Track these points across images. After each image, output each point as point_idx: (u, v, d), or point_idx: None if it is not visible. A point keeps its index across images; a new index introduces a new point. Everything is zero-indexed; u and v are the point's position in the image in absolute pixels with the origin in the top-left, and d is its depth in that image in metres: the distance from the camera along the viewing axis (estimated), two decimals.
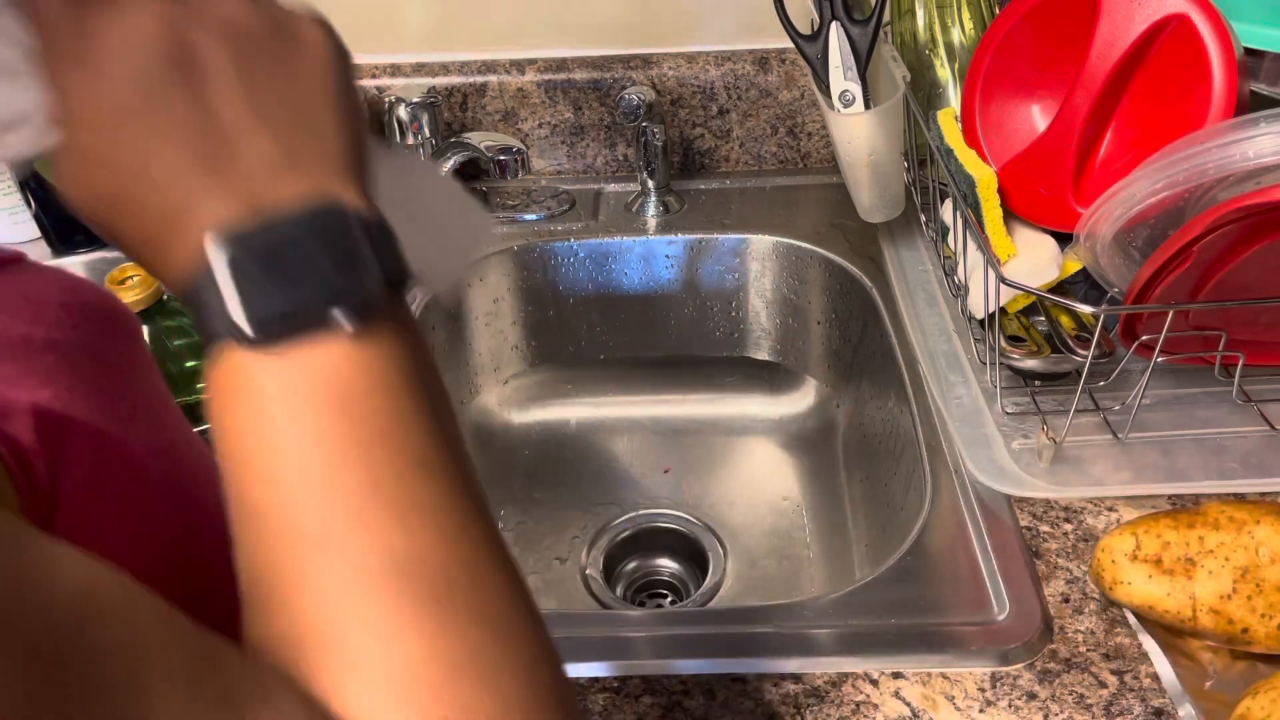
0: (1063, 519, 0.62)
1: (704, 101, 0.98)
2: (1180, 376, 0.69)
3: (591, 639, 0.57)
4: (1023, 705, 0.52)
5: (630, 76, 0.96)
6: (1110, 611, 0.57)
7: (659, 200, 0.97)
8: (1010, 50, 0.73)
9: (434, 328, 0.94)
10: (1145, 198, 0.59)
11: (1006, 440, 0.66)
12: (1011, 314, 0.73)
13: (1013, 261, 0.70)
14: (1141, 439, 0.65)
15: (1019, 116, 0.74)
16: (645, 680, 0.55)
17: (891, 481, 0.78)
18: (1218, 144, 0.56)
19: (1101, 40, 0.65)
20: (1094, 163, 0.69)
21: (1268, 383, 0.68)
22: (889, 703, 0.53)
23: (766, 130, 1.00)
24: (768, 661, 0.55)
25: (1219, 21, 0.60)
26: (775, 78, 0.96)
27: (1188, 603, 0.52)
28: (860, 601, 0.59)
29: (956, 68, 0.83)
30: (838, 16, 0.79)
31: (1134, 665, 0.54)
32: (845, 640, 0.56)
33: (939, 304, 0.81)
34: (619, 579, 0.91)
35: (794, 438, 0.99)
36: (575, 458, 1.00)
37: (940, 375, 0.73)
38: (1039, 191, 0.71)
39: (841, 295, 0.91)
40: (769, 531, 0.91)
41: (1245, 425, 0.66)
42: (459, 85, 0.98)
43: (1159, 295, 0.60)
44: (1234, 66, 0.60)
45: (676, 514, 0.93)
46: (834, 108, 0.81)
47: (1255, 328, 0.64)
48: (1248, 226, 0.55)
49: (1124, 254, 0.63)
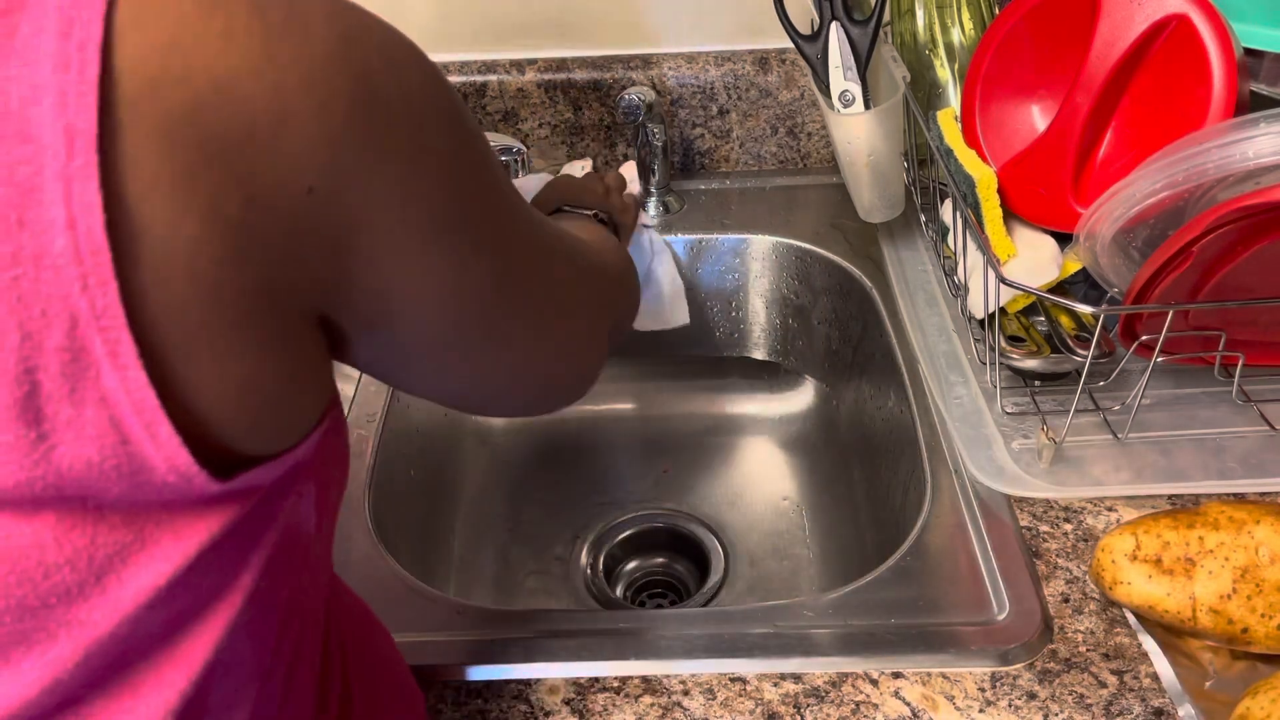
0: (1063, 519, 0.62)
1: (704, 101, 0.98)
2: (1180, 376, 0.69)
3: (591, 639, 0.57)
4: (1023, 705, 0.52)
5: (630, 76, 0.96)
6: (1110, 611, 0.57)
7: (659, 200, 0.97)
8: (1010, 50, 0.73)
9: None
10: (1145, 198, 0.59)
11: (1006, 440, 0.66)
12: (1011, 314, 0.73)
13: (1013, 261, 0.70)
14: (1141, 439, 0.65)
15: (1019, 116, 0.74)
16: (645, 680, 0.55)
17: (891, 481, 0.78)
18: (1218, 144, 0.55)
19: (1101, 40, 0.65)
20: (1094, 163, 0.69)
21: (1268, 383, 0.68)
22: (889, 703, 0.53)
23: (766, 130, 1.00)
24: (768, 661, 0.55)
25: (1219, 21, 0.60)
26: (775, 78, 0.96)
27: (1188, 603, 0.52)
28: (860, 601, 0.59)
29: (956, 68, 0.83)
30: (838, 16, 0.79)
31: (1134, 665, 0.54)
32: (845, 640, 0.56)
33: (939, 304, 0.81)
34: (619, 579, 0.91)
35: (794, 438, 0.99)
36: (575, 457, 1.00)
37: (940, 375, 0.73)
38: (1039, 191, 0.71)
39: (841, 295, 0.91)
40: (769, 531, 0.91)
41: (1245, 425, 0.66)
42: (459, 85, 0.98)
43: (1159, 295, 0.60)
44: (1234, 66, 0.60)
45: (677, 514, 0.93)
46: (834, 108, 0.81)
47: (1255, 328, 0.64)
48: (1247, 226, 0.55)
49: (1124, 254, 0.63)
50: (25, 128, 0.23)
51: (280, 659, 0.35)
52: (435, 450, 0.90)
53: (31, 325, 0.23)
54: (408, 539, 0.78)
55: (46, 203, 0.23)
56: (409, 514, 0.80)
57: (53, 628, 0.26)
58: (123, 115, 0.24)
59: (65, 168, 0.23)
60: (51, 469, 0.24)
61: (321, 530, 0.37)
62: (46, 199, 0.23)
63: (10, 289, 0.23)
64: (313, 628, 0.39)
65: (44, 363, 0.23)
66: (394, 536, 0.70)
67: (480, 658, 0.56)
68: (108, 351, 0.24)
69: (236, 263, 0.26)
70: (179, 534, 0.27)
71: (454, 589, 0.85)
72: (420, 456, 0.86)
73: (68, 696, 0.27)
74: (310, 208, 0.28)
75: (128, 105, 0.24)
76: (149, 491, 0.26)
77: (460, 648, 0.57)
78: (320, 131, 0.27)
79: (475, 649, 0.57)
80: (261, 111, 0.26)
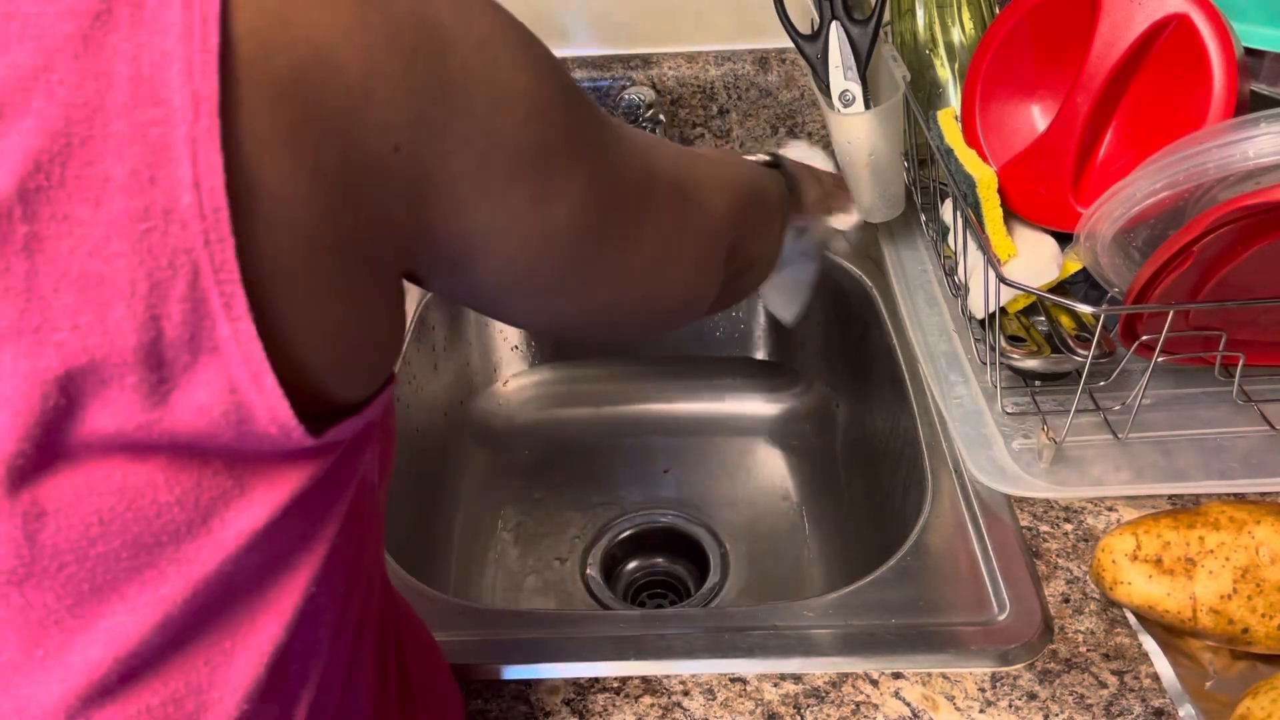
0: (1063, 519, 0.62)
1: (704, 101, 0.98)
2: (1180, 376, 0.69)
3: (591, 639, 0.57)
4: (1023, 705, 0.52)
5: (630, 76, 0.96)
6: (1110, 611, 0.57)
7: None
8: (1010, 50, 0.73)
9: (434, 327, 0.94)
10: (1145, 198, 0.59)
11: (1006, 440, 0.66)
12: (1011, 314, 0.73)
13: (1013, 261, 0.70)
14: (1141, 439, 0.65)
15: (1019, 116, 0.74)
16: (645, 680, 0.55)
17: (891, 481, 0.78)
18: (1218, 144, 0.55)
19: (1102, 40, 0.65)
20: (1094, 162, 0.69)
21: (1268, 383, 0.68)
22: (889, 703, 0.53)
23: (766, 130, 1.00)
24: (768, 661, 0.55)
25: (1219, 21, 0.60)
26: (775, 78, 0.96)
27: (1188, 603, 0.52)
28: (860, 601, 0.59)
29: (956, 68, 0.83)
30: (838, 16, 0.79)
31: (1134, 665, 0.54)
32: (845, 640, 0.56)
33: (939, 304, 0.80)
34: (619, 579, 0.91)
35: (794, 438, 0.99)
36: (575, 458, 1.00)
37: (940, 375, 0.73)
38: (1039, 191, 0.71)
39: (841, 295, 0.91)
40: (769, 531, 0.91)
41: (1245, 425, 0.66)
42: None
43: (1159, 295, 0.60)
44: (1234, 66, 0.60)
45: (676, 514, 0.93)
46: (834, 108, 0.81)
47: (1255, 328, 0.64)
48: (1248, 226, 0.55)
49: (1124, 254, 0.63)
50: (157, 92, 0.24)
51: (349, 620, 0.37)
52: (435, 450, 0.90)
53: (160, 275, 0.25)
54: (408, 539, 0.78)
55: (176, 161, 0.25)
56: (409, 514, 0.80)
57: (163, 565, 0.28)
58: (240, 81, 0.25)
59: (192, 129, 0.25)
60: (169, 412, 0.26)
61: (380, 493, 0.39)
62: (176, 158, 0.25)
63: (142, 240, 0.25)
64: (375, 598, 0.40)
65: (168, 311, 0.25)
66: (394, 536, 0.70)
67: (480, 658, 0.56)
68: (223, 304, 0.26)
69: (334, 216, 0.28)
70: (273, 483, 0.29)
71: (454, 589, 0.85)
72: (420, 456, 0.86)
73: (176, 635, 0.29)
74: (396, 164, 0.29)
75: (244, 72, 0.26)
76: (250, 441, 0.28)
77: (460, 648, 0.57)
78: (404, 91, 0.29)
79: (475, 649, 0.57)
80: (355, 74, 0.28)
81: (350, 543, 0.35)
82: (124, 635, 0.28)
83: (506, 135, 0.33)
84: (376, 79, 0.28)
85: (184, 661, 0.29)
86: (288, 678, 0.33)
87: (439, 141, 0.31)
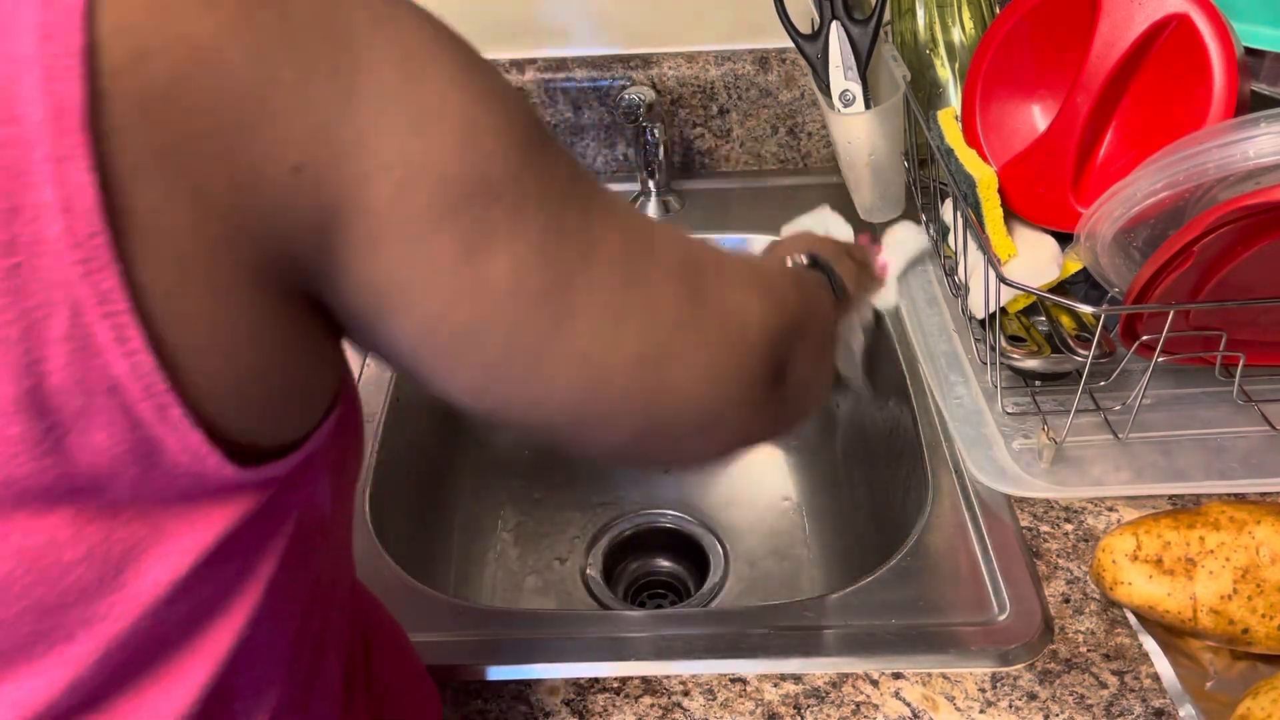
0: (1063, 519, 0.62)
1: (704, 101, 0.98)
2: (1181, 376, 0.69)
3: (591, 639, 0.57)
4: (1023, 705, 0.52)
5: (630, 76, 0.96)
6: (1111, 612, 0.57)
7: (659, 200, 0.97)
8: (1010, 50, 0.73)
9: None
10: (1145, 198, 0.59)
11: (1007, 440, 0.66)
12: (1012, 314, 0.73)
13: (1013, 261, 0.70)
14: (1142, 439, 0.65)
15: (1019, 116, 0.74)
16: (645, 680, 0.55)
17: (891, 481, 0.77)
18: (1218, 144, 0.55)
19: (1102, 40, 0.65)
20: (1094, 163, 0.69)
21: (1268, 383, 0.68)
22: (889, 703, 0.53)
23: (766, 130, 1.00)
24: (768, 661, 0.55)
25: (1219, 21, 0.60)
26: (775, 78, 0.96)
27: (1188, 603, 0.52)
28: (860, 601, 0.59)
29: (956, 68, 0.83)
30: (838, 16, 0.79)
31: (1134, 665, 0.54)
32: (845, 640, 0.56)
33: (939, 304, 0.80)
34: (619, 579, 0.91)
35: (794, 438, 0.99)
36: (575, 458, 1.00)
37: (940, 375, 0.73)
38: (1039, 191, 0.71)
39: None
40: (769, 531, 0.91)
41: (1246, 425, 0.66)
42: None
43: (1159, 295, 0.60)
44: (1234, 66, 0.60)
45: (676, 514, 0.93)
46: (834, 107, 0.81)
47: (1256, 328, 0.64)
48: (1248, 226, 0.55)
49: (1124, 254, 0.63)
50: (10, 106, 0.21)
51: (304, 646, 0.35)
52: (435, 450, 0.90)
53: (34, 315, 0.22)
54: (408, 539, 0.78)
55: (38, 185, 0.21)
56: (409, 514, 0.80)
57: (71, 626, 0.26)
58: (108, 88, 0.22)
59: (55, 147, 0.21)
60: (62, 458, 0.24)
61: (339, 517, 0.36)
62: (36, 182, 0.21)
63: (9, 279, 0.22)
64: (338, 614, 0.38)
65: (48, 354, 0.22)
66: (394, 536, 0.70)
67: (480, 658, 0.56)
68: (115, 338, 0.23)
69: (228, 247, 0.25)
70: (195, 525, 0.27)
71: (454, 589, 0.85)
72: (420, 456, 0.86)
73: (89, 694, 0.27)
74: (296, 189, 0.25)
75: (112, 77, 0.22)
76: (163, 479, 0.25)
77: (460, 648, 0.57)
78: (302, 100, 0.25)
79: (475, 649, 0.57)
80: (241, 81, 0.24)
81: (299, 575, 0.33)
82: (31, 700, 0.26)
83: (432, 162, 0.27)
84: (269, 86, 0.24)
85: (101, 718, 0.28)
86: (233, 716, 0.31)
87: (347, 163, 0.26)
